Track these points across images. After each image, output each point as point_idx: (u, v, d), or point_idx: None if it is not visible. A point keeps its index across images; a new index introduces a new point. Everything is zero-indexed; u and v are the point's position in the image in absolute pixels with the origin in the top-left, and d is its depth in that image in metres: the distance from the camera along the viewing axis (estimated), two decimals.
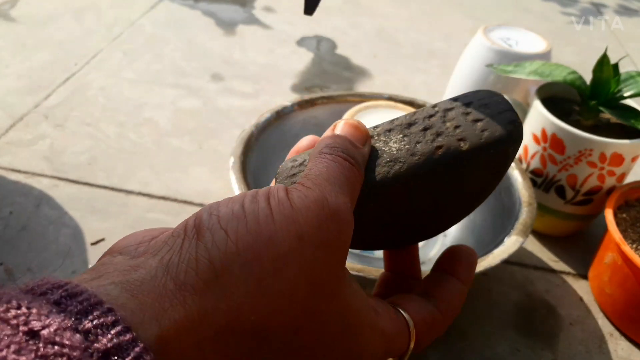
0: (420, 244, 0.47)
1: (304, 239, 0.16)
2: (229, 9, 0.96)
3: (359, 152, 0.20)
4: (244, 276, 0.15)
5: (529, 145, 0.50)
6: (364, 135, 0.21)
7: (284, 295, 0.16)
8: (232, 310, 0.15)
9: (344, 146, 0.20)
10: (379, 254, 0.45)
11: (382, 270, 0.35)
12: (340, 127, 0.21)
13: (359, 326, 0.18)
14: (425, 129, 0.20)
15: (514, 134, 0.20)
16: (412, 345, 0.20)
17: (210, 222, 0.16)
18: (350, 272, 0.34)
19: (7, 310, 0.13)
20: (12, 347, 0.12)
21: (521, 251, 0.52)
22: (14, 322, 0.12)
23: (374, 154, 0.21)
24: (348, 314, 0.18)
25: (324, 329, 0.17)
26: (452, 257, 0.23)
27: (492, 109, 0.20)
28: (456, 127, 0.20)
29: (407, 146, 0.20)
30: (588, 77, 0.48)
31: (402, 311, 0.20)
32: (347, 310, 0.18)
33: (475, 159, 0.20)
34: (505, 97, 0.21)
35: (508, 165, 0.21)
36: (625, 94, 0.47)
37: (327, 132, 0.21)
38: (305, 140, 0.23)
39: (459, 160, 0.20)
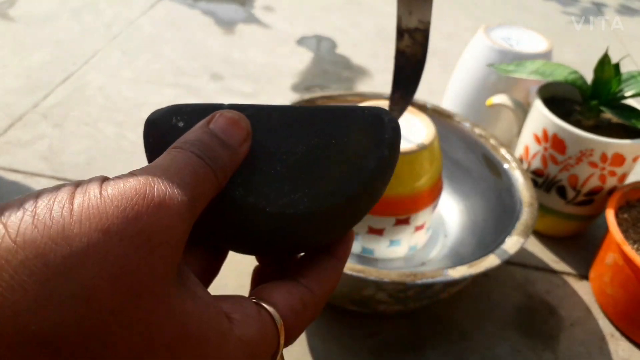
0: (420, 244, 0.46)
1: (110, 232, 0.14)
2: (229, 8, 0.96)
3: (227, 153, 0.18)
4: (21, 277, 0.13)
5: (530, 145, 0.50)
6: (242, 134, 0.18)
7: (78, 299, 0.13)
8: (4, 318, 0.13)
9: (205, 144, 0.17)
10: (380, 254, 0.45)
11: (384, 271, 0.35)
12: (214, 120, 0.18)
13: (202, 334, 0.15)
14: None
15: (387, 112, 0.21)
16: (282, 342, 0.18)
17: None
18: (351, 272, 0.34)
19: None
20: None
21: (522, 252, 0.51)
22: None
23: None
24: (183, 320, 0.15)
25: (149, 339, 0.14)
26: None
27: None
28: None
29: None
30: (589, 77, 0.47)
31: (266, 306, 0.18)
32: (182, 316, 0.15)
33: (348, 110, 0.21)
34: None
35: (386, 134, 0.20)
36: (627, 94, 0.47)
37: (200, 123, 0.18)
38: None
39: (331, 107, 0.21)
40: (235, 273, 0.46)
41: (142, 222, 0.14)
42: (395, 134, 0.21)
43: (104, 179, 0.15)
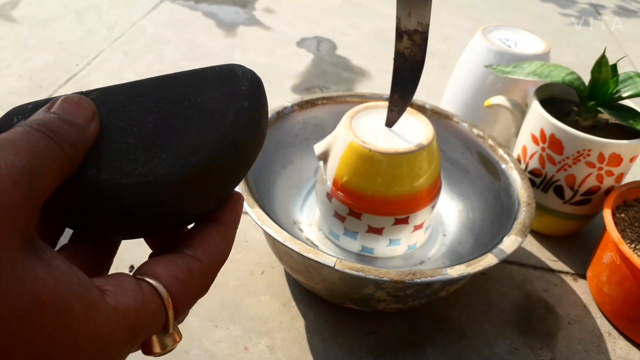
0: (419, 243, 0.47)
1: None
2: (230, 10, 0.96)
3: (74, 130, 0.17)
4: None
5: (527, 145, 0.50)
6: (86, 113, 0.18)
7: None
8: None
9: (46, 121, 0.17)
10: (379, 253, 0.45)
11: (384, 269, 0.35)
12: (56, 106, 0.17)
13: (62, 302, 0.14)
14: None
15: (242, 67, 0.21)
16: (171, 313, 0.18)
17: None
18: (350, 271, 0.35)
19: None
20: None
21: (520, 251, 0.52)
22: None
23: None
24: (35, 288, 0.14)
25: None
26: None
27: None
28: None
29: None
30: (587, 78, 0.48)
31: (147, 279, 0.18)
32: (33, 284, 0.14)
33: (201, 72, 0.20)
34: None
35: (242, 86, 0.20)
36: (624, 95, 0.47)
37: (41, 109, 0.18)
38: None
39: (186, 73, 0.20)
40: (236, 272, 0.47)
41: None
42: (253, 84, 0.20)
43: None
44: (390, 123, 0.42)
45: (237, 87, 0.20)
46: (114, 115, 0.19)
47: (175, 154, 0.18)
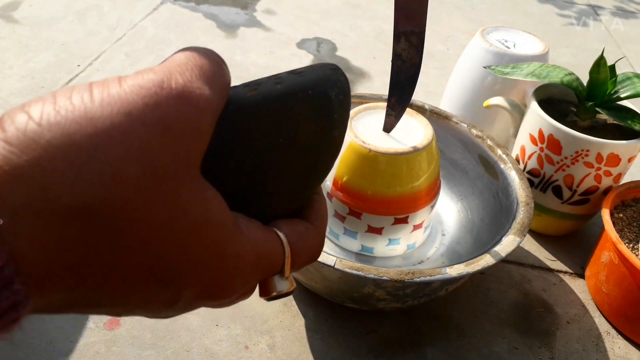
0: (418, 243, 0.47)
1: (132, 116, 0.14)
2: (230, 11, 0.96)
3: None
4: (48, 155, 0.13)
5: (526, 145, 0.50)
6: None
7: (106, 176, 0.14)
8: (33, 191, 0.13)
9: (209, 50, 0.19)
10: (379, 253, 0.46)
11: (383, 269, 0.35)
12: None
13: (222, 221, 0.16)
14: (245, 86, 0.20)
15: (333, 77, 0.20)
16: (288, 253, 0.19)
17: (12, 109, 0.14)
18: (350, 270, 0.35)
19: None
20: None
21: (518, 250, 0.52)
22: None
23: None
24: (205, 206, 0.16)
25: (172, 219, 0.15)
26: None
27: (315, 67, 0.21)
28: (277, 80, 0.20)
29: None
30: (585, 79, 0.48)
31: (270, 227, 0.20)
32: (204, 202, 0.16)
33: (292, 97, 0.19)
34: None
35: (335, 113, 0.20)
36: (622, 95, 0.48)
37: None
38: None
39: (273, 97, 0.19)
40: None
41: (162, 110, 0.15)
42: (345, 107, 0.20)
43: (121, 77, 0.16)
44: (387, 128, 0.42)
45: (330, 116, 0.20)
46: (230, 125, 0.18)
47: (273, 205, 0.20)
